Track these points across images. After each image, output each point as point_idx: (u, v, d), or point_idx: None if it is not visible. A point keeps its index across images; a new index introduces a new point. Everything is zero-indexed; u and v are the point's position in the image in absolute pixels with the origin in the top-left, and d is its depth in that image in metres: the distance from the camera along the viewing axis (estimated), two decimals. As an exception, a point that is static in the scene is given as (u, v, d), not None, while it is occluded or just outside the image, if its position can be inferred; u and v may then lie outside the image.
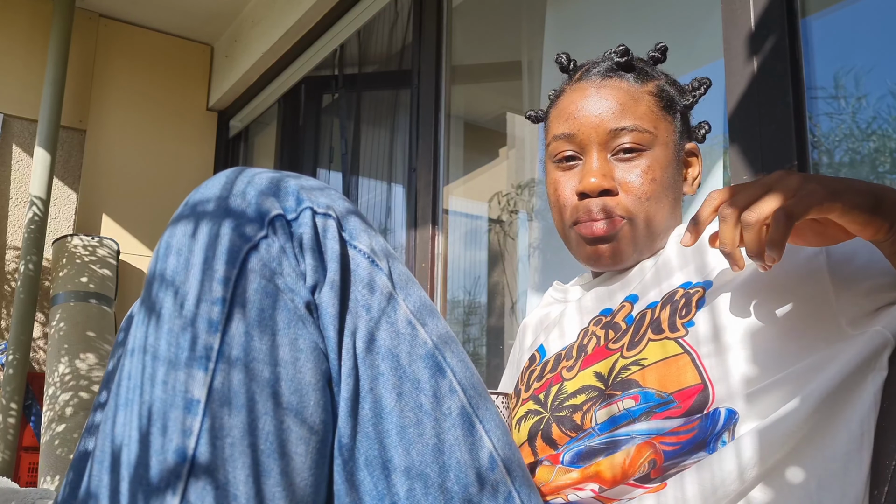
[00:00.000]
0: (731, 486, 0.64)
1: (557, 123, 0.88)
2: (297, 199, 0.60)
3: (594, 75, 0.88)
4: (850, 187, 0.59)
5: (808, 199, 0.58)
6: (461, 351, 0.63)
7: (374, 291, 0.60)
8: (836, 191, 0.59)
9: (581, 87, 0.88)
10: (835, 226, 0.62)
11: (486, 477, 0.59)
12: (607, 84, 0.86)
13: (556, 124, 0.88)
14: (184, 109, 3.41)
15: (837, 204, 0.58)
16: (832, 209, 0.59)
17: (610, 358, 0.76)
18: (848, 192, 0.59)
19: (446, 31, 2.26)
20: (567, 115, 0.87)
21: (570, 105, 0.87)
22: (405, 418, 0.58)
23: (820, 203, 0.58)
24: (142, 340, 0.57)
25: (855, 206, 0.59)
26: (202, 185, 0.62)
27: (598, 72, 0.88)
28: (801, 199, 0.58)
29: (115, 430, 0.55)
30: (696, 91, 0.92)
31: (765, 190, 0.60)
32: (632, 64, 0.87)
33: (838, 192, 0.59)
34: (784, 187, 0.59)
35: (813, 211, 0.58)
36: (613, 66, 0.87)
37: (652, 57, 0.93)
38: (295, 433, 0.54)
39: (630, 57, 0.87)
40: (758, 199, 0.60)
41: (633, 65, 0.87)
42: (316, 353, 0.57)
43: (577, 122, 0.85)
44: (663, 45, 0.93)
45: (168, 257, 0.58)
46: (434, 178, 2.18)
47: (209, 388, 0.53)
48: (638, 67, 0.88)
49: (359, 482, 0.57)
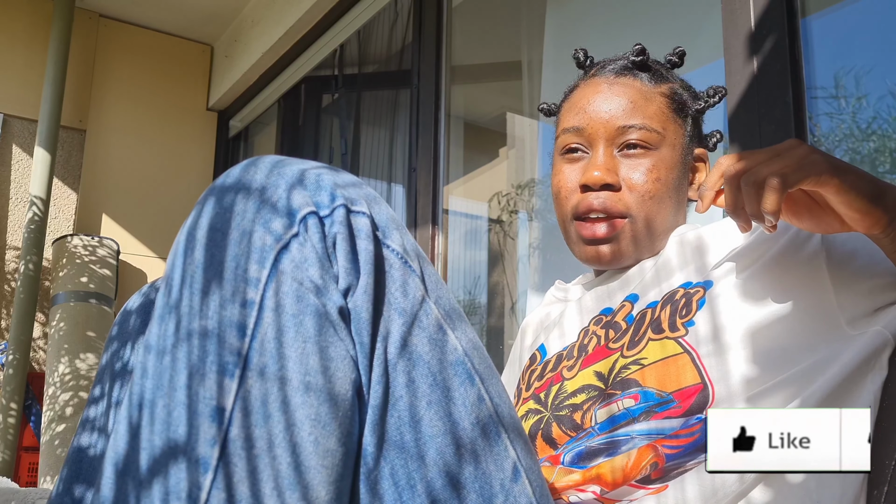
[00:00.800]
0: (732, 488, 0.64)
1: (568, 117, 0.88)
2: (331, 195, 0.56)
3: (608, 72, 0.88)
4: (854, 171, 0.59)
5: (807, 169, 0.58)
6: (487, 357, 0.61)
7: (407, 295, 0.57)
8: (839, 168, 0.59)
9: (594, 82, 0.88)
10: (832, 213, 0.62)
11: (510, 489, 0.58)
12: (620, 81, 0.86)
13: (567, 117, 0.89)
14: (184, 109, 3.41)
15: (836, 179, 0.58)
16: (829, 183, 0.58)
17: (610, 357, 0.76)
18: (850, 174, 0.59)
19: (446, 31, 2.26)
20: (578, 109, 0.87)
21: (582, 99, 0.87)
22: (434, 427, 0.55)
23: (818, 175, 0.58)
24: (162, 341, 0.53)
25: (853, 188, 0.58)
26: (228, 171, 0.57)
27: (613, 69, 0.88)
28: (801, 167, 0.58)
29: (130, 434, 0.52)
30: (711, 98, 0.92)
31: (770, 155, 0.60)
32: (647, 64, 0.87)
33: (840, 170, 0.59)
34: (789, 155, 0.59)
35: (809, 181, 0.58)
36: (629, 64, 0.88)
37: (669, 60, 0.93)
38: (322, 446, 0.51)
39: (646, 57, 0.87)
40: (760, 163, 0.60)
41: (648, 65, 0.88)
42: (346, 361, 0.54)
43: (587, 117, 0.86)
44: (681, 50, 0.93)
45: (192, 251, 0.54)
46: (434, 178, 2.18)
47: (235, 396, 0.51)
48: (653, 68, 0.88)
49: (382, 492, 0.54)
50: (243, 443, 0.50)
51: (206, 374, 0.51)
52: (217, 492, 0.49)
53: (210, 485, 0.49)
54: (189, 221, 0.56)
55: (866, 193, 0.59)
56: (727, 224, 0.79)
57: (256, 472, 0.50)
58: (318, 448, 0.51)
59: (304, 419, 0.51)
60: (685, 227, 0.86)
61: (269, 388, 0.51)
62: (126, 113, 3.24)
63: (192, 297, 0.53)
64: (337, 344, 0.54)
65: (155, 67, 3.35)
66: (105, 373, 0.80)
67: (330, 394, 0.52)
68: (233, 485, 0.49)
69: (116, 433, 0.53)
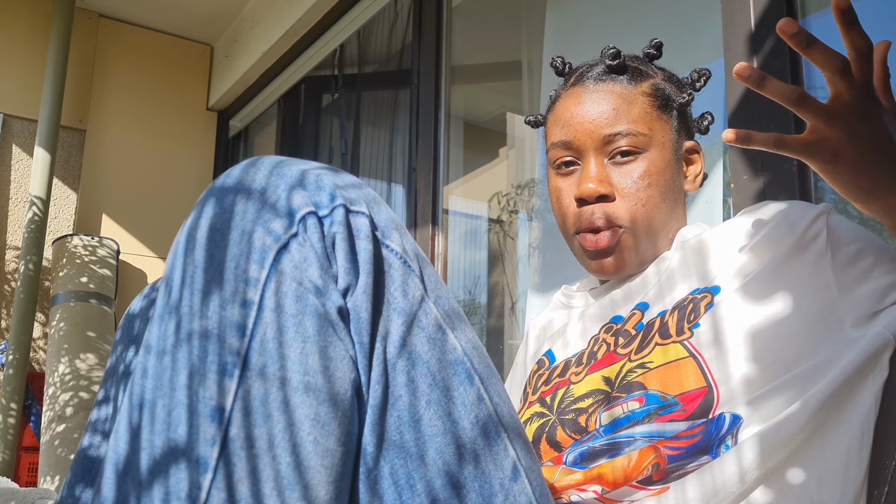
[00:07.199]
0: (733, 489, 0.64)
1: (554, 130, 0.89)
2: (331, 196, 0.56)
3: (588, 80, 0.88)
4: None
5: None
6: (486, 357, 0.61)
7: (406, 295, 0.57)
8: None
9: (575, 92, 0.88)
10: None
11: (509, 489, 0.58)
12: (601, 88, 0.86)
13: (553, 131, 0.89)
14: (184, 109, 3.41)
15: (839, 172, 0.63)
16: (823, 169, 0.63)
17: (618, 363, 0.77)
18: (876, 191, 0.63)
19: (446, 31, 2.26)
20: (563, 122, 0.88)
21: (565, 112, 0.88)
22: (433, 427, 0.55)
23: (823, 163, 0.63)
24: (162, 341, 0.54)
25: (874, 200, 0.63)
26: (228, 171, 0.58)
27: (592, 76, 0.88)
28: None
29: (131, 434, 0.53)
30: (695, 83, 0.92)
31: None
32: (624, 65, 0.88)
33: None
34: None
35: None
36: (606, 69, 0.88)
37: (647, 54, 0.93)
38: (322, 445, 0.52)
39: (622, 59, 0.87)
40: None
41: (625, 66, 0.88)
42: (346, 361, 0.54)
43: (573, 130, 0.86)
44: (658, 41, 0.93)
45: (192, 251, 0.54)
46: (434, 178, 2.18)
47: (235, 396, 0.51)
48: (632, 68, 0.88)
49: (382, 491, 0.54)
50: (243, 443, 0.50)
51: (205, 374, 0.51)
52: (217, 492, 0.49)
53: (210, 485, 0.49)
54: (189, 222, 0.56)
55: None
56: (731, 227, 0.80)
57: (256, 472, 0.50)
58: (317, 448, 0.51)
59: (303, 419, 0.51)
60: (688, 229, 0.86)
61: (269, 388, 0.51)
62: (126, 113, 3.24)
63: (191, 297, 0.53)
64: (336, 344, 0.54)
65: (155, 67, 3.35)
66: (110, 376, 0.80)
67: (329, 394, 0.53)
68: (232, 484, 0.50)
69: (116, 433, 0.54)
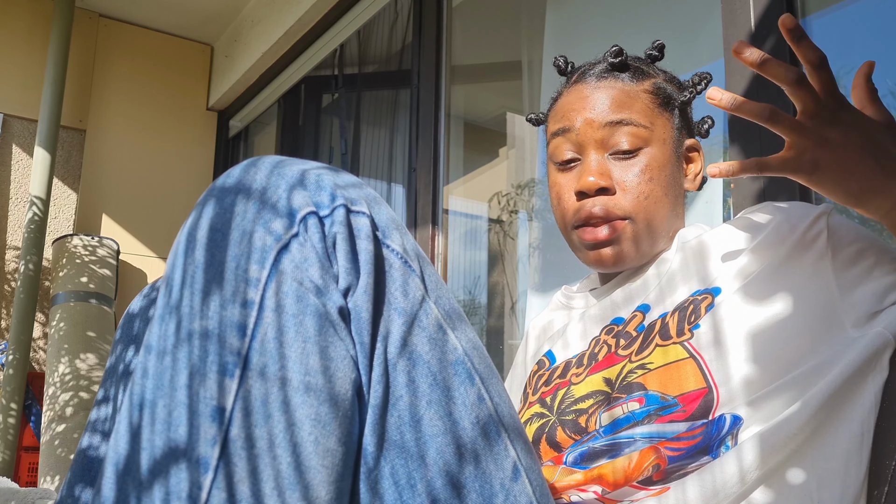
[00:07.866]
0: (733, 489, 0.64)
1: (555, 123, 0.90)
2: (331, 195, 0.56)
3: (590, 77, 0.88)
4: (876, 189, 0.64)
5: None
6: (487, 357, 0.61)
7: (407, 295, 0.57)
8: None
9: (577, 89, 0.89)
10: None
11: (510, 489, 0.58)
12: (602, 85, 0.87)
13: (554, 124, 0.90)
14: (184, 109, 3.41)
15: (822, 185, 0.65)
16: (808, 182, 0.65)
17: (619, 364, 0.77)
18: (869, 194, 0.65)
19: (446, 31, 2.26)
20: (563, 114, 0.88)
21: (567, 105, 0.88)
22: (434, 427, 0.55)
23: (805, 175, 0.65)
24: (162, 341, 0.53)
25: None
26: (229, 171, 0.58)
27: (594, 73, 0.88)
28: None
29: (131, 434, 0.52)
30: (696, 86, 0.92)
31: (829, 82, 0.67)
32: (626, 64, 0.88)
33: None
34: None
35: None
36: (608, 66, 0.88)
37: (649, 55, 0.93)
38: (323, 445, 0.51)
39: (624, 57, 0.88)
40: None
41: (627, 64, 0.88)
42: (346, 361, 0.54)
43: (574, 120, 0.87)
44: (660, 43, 0.93)
45: (192, 251, 0.54)
46: (434, 178, 2.18)
47: (235, 396, 0.51)
48: (633, 67, 0.89)
49: (382, 491, 0.54)
50: (243, 443, 0.50)
51: (206, 375, 0.51)
52: (217, 492, 0.49)
53: (210, 485, 0.49)
54: (189, 222, 0.56)
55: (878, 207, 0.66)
56: (731, 228, 0.80)
57: (257, 472, 0.50)
58: (318, 448, 0.51)
59: (304, 419, 0.51)
60: (688, 230, 0.86)
61: (270, 388, 0.51)
62: (126, 113, 3.24)
63: (192, 297, 0.53)
64: (337, 344, 0.54)
65: (155, 67, 3.35)
66: (110, 376, 0.80)
67: (330, 394, 0.53)
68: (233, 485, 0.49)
69: (117, 433, 0.54)
